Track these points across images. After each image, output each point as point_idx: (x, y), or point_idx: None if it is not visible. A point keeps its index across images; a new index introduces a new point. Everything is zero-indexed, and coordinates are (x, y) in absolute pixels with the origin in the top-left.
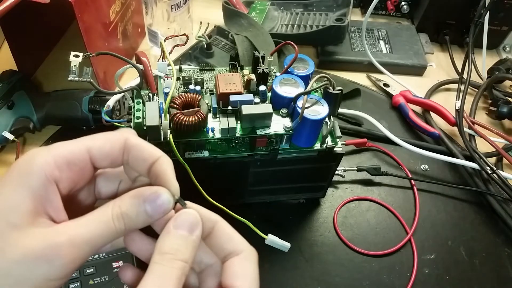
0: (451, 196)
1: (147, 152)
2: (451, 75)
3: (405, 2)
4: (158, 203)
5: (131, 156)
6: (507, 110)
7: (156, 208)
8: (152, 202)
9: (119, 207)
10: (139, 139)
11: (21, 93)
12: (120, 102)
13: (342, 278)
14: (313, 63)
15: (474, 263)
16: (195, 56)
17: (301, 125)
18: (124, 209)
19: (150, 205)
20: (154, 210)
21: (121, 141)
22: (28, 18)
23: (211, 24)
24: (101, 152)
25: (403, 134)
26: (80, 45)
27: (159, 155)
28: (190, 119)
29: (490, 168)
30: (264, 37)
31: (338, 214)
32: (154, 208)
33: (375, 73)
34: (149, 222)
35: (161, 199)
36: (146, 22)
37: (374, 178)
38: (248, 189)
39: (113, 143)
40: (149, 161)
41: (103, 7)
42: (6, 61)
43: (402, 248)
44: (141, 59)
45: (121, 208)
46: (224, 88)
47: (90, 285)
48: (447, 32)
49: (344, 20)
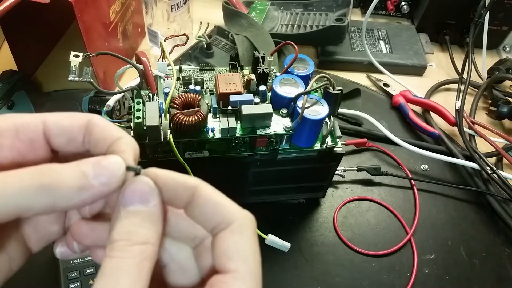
0: (451, 196)
1: (110, 132)
2: (451, 75)
3: (405, 2)
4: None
5: (92, 136)
6: (507, 110)
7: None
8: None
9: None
10: (106, 121)
11: (21, 93)
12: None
13: (342, 278)
14: (313, 63)
15: (474, 263)
16: (195, 56)
17: (301, 125)
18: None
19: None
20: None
21: (84, 120)
22: (28, 18)
23: (211, 24)
24: (57, 126)
25: (403, 134)
26: (80, 45)
27: (122, 135)
28: (190, 119)
29: (490, 168)
30: (264, 37)
31: (338, 214)
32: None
33: (375, 73)
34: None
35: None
36: (146, 22)
37: (374, 178)
38: (248, 189)
39: (73, 119)
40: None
41: (103, 7)
42: (6, 61)
43: (402, 248)
44: (141, 59)
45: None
46: (224, 88)
47: (90, 285)
48: (447, 32)
49: (344, 20)
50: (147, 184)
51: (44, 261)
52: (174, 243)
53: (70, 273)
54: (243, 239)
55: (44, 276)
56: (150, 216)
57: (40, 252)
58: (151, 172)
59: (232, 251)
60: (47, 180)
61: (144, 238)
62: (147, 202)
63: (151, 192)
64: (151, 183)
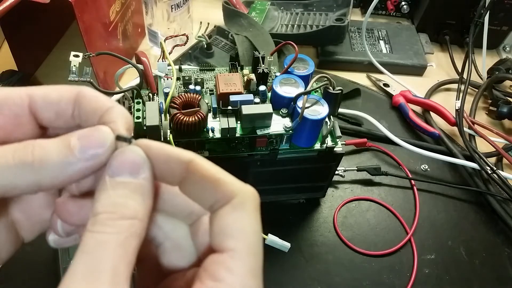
0: (451, 196)
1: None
2: (451, 75)
3: (405, 2)
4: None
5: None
6: (507, 110)
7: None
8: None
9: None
10: (95, 91)
11: None
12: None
13: (342, 278)
14: (313, 63)
15: (474, 263)
16: (195, 56)
17: (301, 125)
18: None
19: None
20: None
21: (73, 92)
22: (28, 18)
23: (211, 24)
24: (45, 100)
25: (403, 134)
26: (80, 45)
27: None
28: (190, 119)
29: (490, 168)
30: (264, 37)
31: (338, 214)
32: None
33: (375, 73)
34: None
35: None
36: (146, 22)
37: (374, 178)
38: None
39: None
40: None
41: (103, 7)
42: (6, 61)
43: (402, 248)
44: (141, 59)
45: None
46: (224, 88)
47: None
48: (447, 32)
49: (344, 20)
50: (139, 155)
51: (44, 261)
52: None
53: None
54: (244, 216)
55: (44, 276)
56: (140, 189)
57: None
58: (142, 143)
59: (231, 228)
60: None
61: (132, 212)
62: (137, 174)
63: (142, 163)
64: (142, 153)
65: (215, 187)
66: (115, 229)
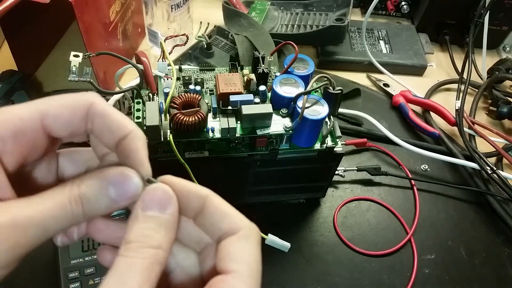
0: (451, 196)
1: (116, 124)
2: (451, 75)
3: (405, 2)
4: (123, 186)
5: (95, 125)
6: (507, 110)
7: (122, 192)
8: (116, 185)
9: (78, 188)
10: (107, 105)
11: (21, 93)
12: (120, 102)
13: (342, 278)
14: (313, 63)
15: (474, 263)
16: (195, 56)
17: (301, 125)
18: (84, 191)
19: (115, 188)
20: (119, 195)
21: (85, 107)
22: (28, 18)
23: (211, 24)
24: (58, 120)
25: (403, 134)
26: (80, 45)
27: (131, 128)
28: (190, 119)
29: (490, 168)
30: (264, 37)
31: (338, 214)
32: (119, 193)
33: (375, 73)
34: (113, 208)
35: (128, 182)
36: (146, 22)
37: (374, 178)
38: (248, 189)
39: (73, 109)
40: (117, 135)
41: (103, 7)
42: (6, 61)
43: (402, 248)
44: (141, 59)
45: (80, 189)
46: (224, 88)
47: (90, 285)
48: (447, 32)
49: (344, 20)
50: (167, 193)
51: (44, 261)
52: (182, 249)
53: (70, 273)
54: (248, 246)
55: (44, 276)
56: (166, 223)
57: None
58: (167, 179)
59: (235, 254)
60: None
61: (158, 243)
62: (165, 210)
63: (169, 200)
64: (170, 192)
65: (225, 220)
66: (143, 255)
